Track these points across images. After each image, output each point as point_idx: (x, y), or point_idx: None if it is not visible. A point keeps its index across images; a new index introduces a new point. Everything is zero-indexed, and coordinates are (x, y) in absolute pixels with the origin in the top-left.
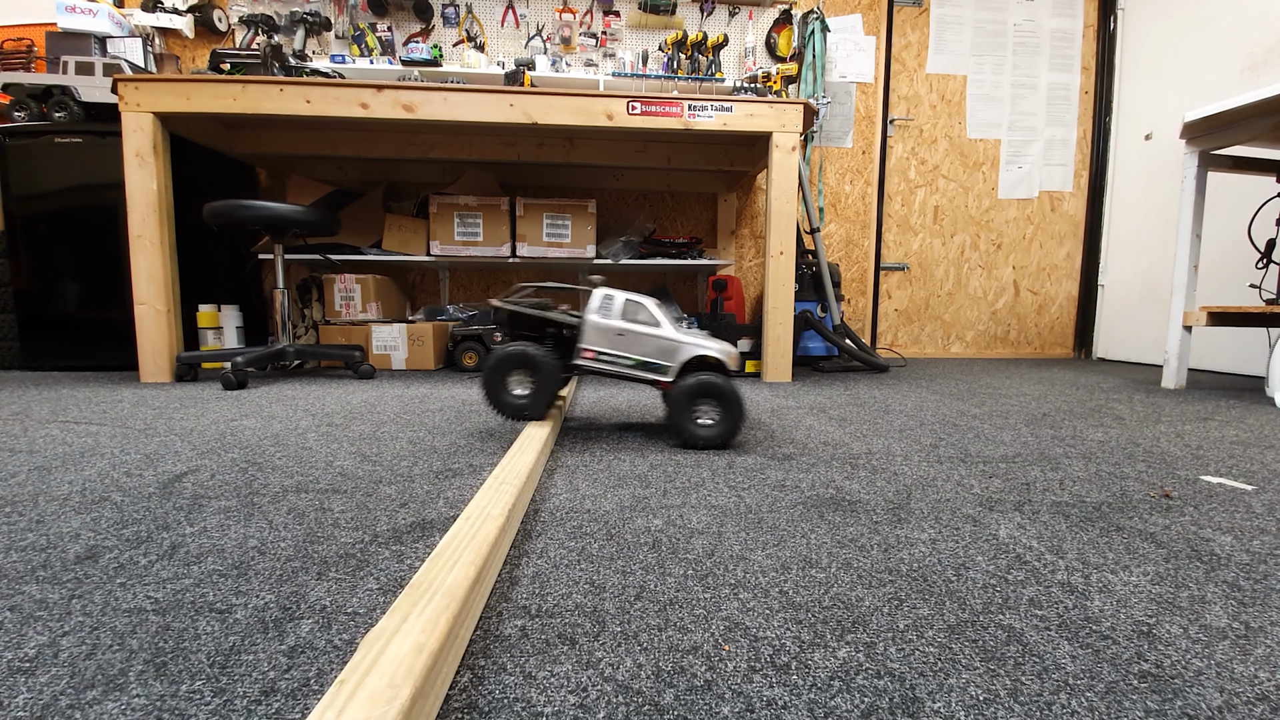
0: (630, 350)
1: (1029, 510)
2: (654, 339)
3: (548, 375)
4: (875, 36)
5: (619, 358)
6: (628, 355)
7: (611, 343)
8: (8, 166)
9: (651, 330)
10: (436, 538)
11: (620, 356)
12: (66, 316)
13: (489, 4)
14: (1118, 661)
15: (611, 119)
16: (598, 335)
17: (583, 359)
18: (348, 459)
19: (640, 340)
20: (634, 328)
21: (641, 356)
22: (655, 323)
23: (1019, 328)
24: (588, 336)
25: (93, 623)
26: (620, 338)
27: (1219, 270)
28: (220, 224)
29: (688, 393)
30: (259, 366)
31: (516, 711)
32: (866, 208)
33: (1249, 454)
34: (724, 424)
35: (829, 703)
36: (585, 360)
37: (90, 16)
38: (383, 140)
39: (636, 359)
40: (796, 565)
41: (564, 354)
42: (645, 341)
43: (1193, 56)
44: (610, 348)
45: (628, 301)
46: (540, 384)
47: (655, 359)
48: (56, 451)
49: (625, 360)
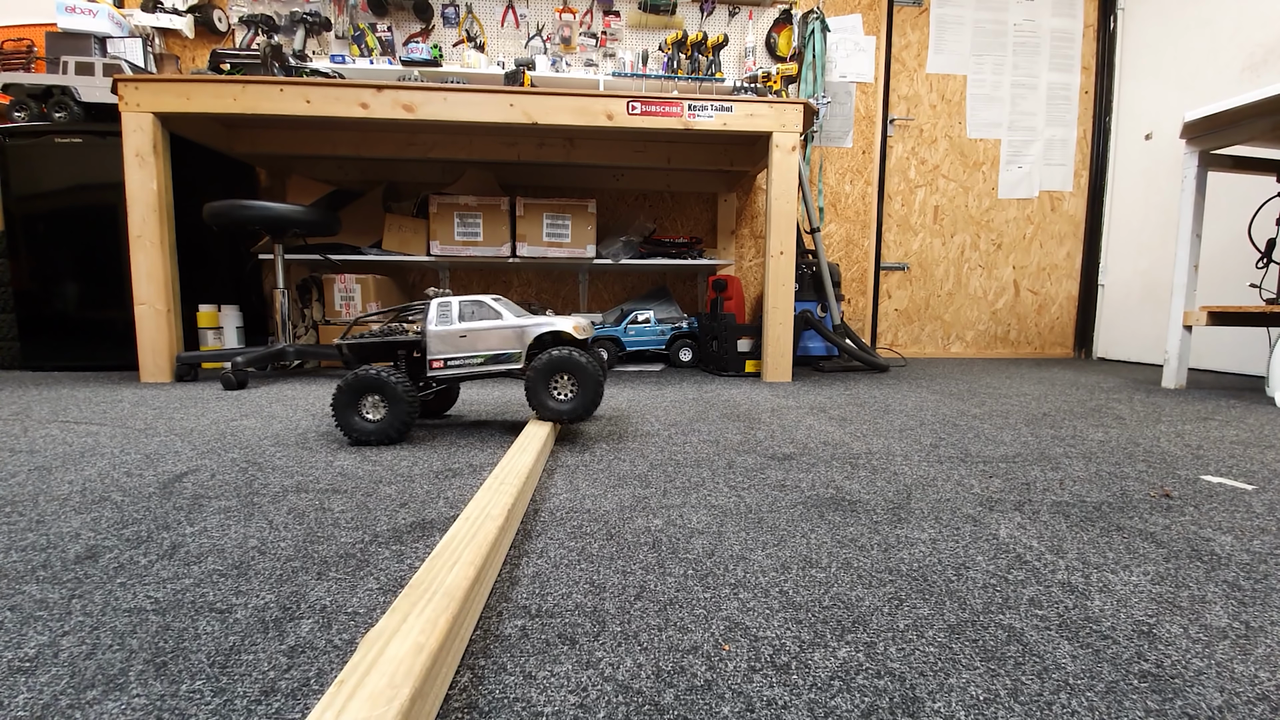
0: (477, 348)
1: (1029, 510)
2: (496, 331)
3: (397, 396)
4: (875, 36)
5: (468, 358)
6: (476, 354)
7: (457, 346)
8: (8, 166)
9: (492, 324)
10: (436, 538)
11: (469, 357)
12: (66, 316)
13: (489, 4)
14: (1118, 661)
15: (611, 119)
16: (441, 343)
17: (433, 370)
18: (348, 459)
19: (483, 336)
20: (475, 326)
21: (489, 351)
22: (496, 315)
23: (1019, 327)
24: (433, 347)
25: (93, 622)
26: (464, 339)
27: (1219, 270)
28: (220, 224)
29: (541, 371)
30: (259, 366)
31: (516, 711)
32: (866, 208)
33: (1249, 454)
34: (581, 396)
35: (829, 703)
36: (436, 370)
37: (90, 17)
38: (383, 140)
39: (485, 354)
40: (796, 565)
41: (418, 372)
42: (488, 336)
43: (1193, 56)
44: (457, 351)
45: (463, 303)
46: (392, 406)
47: (502, 349)
48: (57, 451)
49: (475, 359)
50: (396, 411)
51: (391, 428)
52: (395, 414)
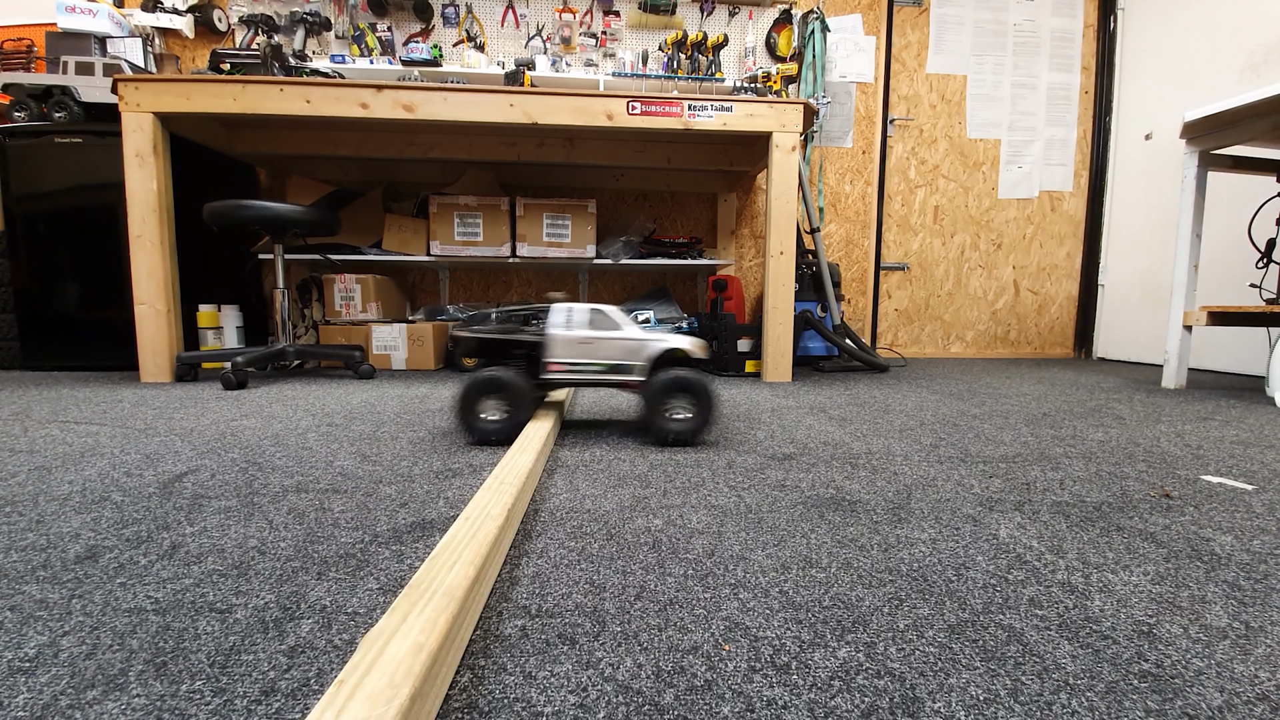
0: (597, 356)
1: (1029, 510)
2: (619, 342)
3: (519, 396)
4: (875, 36)
5: (587, 365)
6: (595, 361)
7: (577, 352)
8: (8, 166)
9: (615, 334)
10: (436, 538)
11: (588, 364)
12: (66, 316)
13: (489, 4)
14: (1118, 661)
15: (611, 119)
16: (563, 348)
17: (550, 372)
18: (348, 459)
19: (605, 345)
20: (598, 334)
21: (608, 360)
22: (615, 325)
23: (1019, 328)
24: (554, 350)
25: (93, 623)
26: (585, 345)
27: (1219, 270)
28: (220, 224)
29: (659, 389)
30: (259, 366)
31: (516, 711)
32: (866, 208)
33: (1249, 454)
34: (698, 417)
35: (829, 703)
36: (554, 374)
37: (90, 16)
38: (383, 140)
39: (604, 363)
40: (796, 565)
41: (534, 372)
42: (610, 345)
43: (1193, 56)
44: (576, 357)
45: (591, 311)
46: (514, 406)
47: (621, 360)
48: (57, 451)
49: (594, 367)
50: (517, 413)
51: (513, 429)
52: (516, 416)
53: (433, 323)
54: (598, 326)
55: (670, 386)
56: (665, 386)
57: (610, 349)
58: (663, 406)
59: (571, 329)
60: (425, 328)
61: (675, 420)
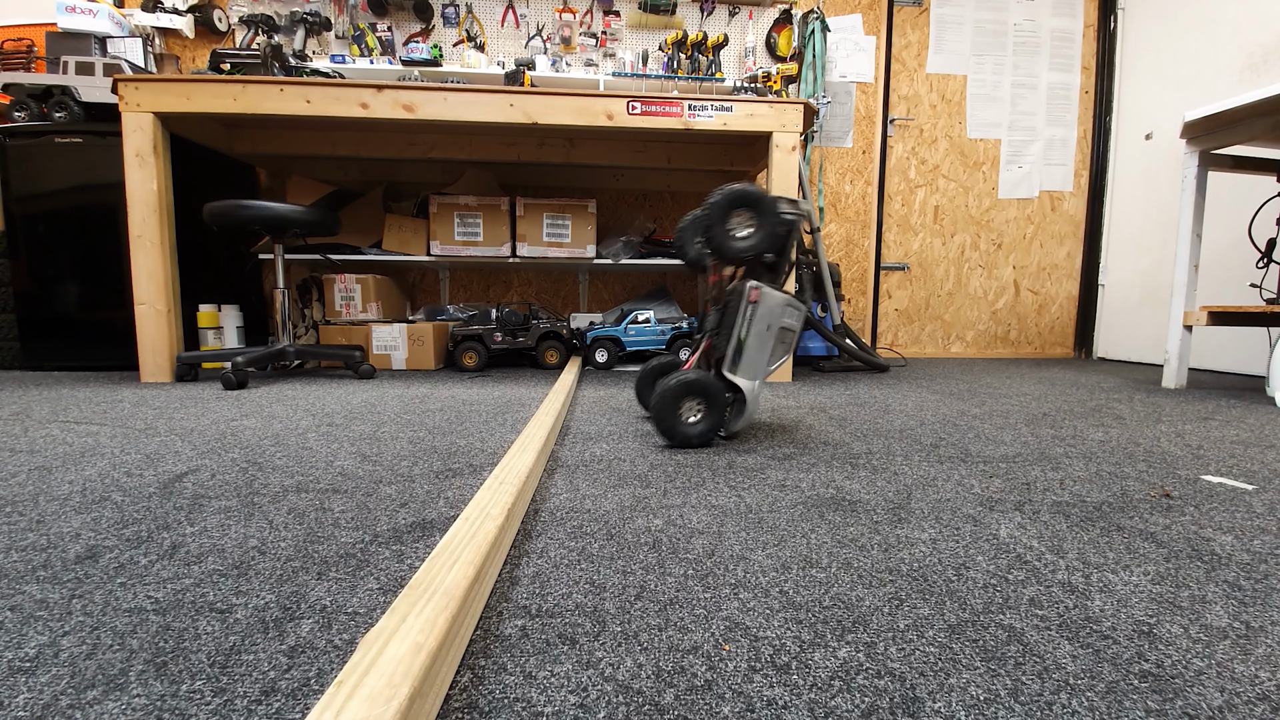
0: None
1: (1029, 510)
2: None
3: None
4: (875, 36)
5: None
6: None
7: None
8: (8, 166)
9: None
10: (436, 538)
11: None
12: (67, 316)
13: (489, 4)
14: (1118, 661)
15: (611, 119)
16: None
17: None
18: (348, 459)
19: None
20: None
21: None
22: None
23: (1019, 327)
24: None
25: (93, 622)
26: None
27: (1219, 270)
28: (220, 224)
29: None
30: (259, 366)
31: (517, 711)
32: (866, 208)
33: (1249, 453)
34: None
35: (829, 703)
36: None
37: (90, 16)
38: (383, 140)
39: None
40: (797, 565)
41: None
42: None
43: (1193, 56)
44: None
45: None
46: (710, 409)
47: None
48: (57, 451)
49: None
50: (714, 415)
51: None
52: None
53: (433, 323)
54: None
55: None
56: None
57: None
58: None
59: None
60: (425, 328)
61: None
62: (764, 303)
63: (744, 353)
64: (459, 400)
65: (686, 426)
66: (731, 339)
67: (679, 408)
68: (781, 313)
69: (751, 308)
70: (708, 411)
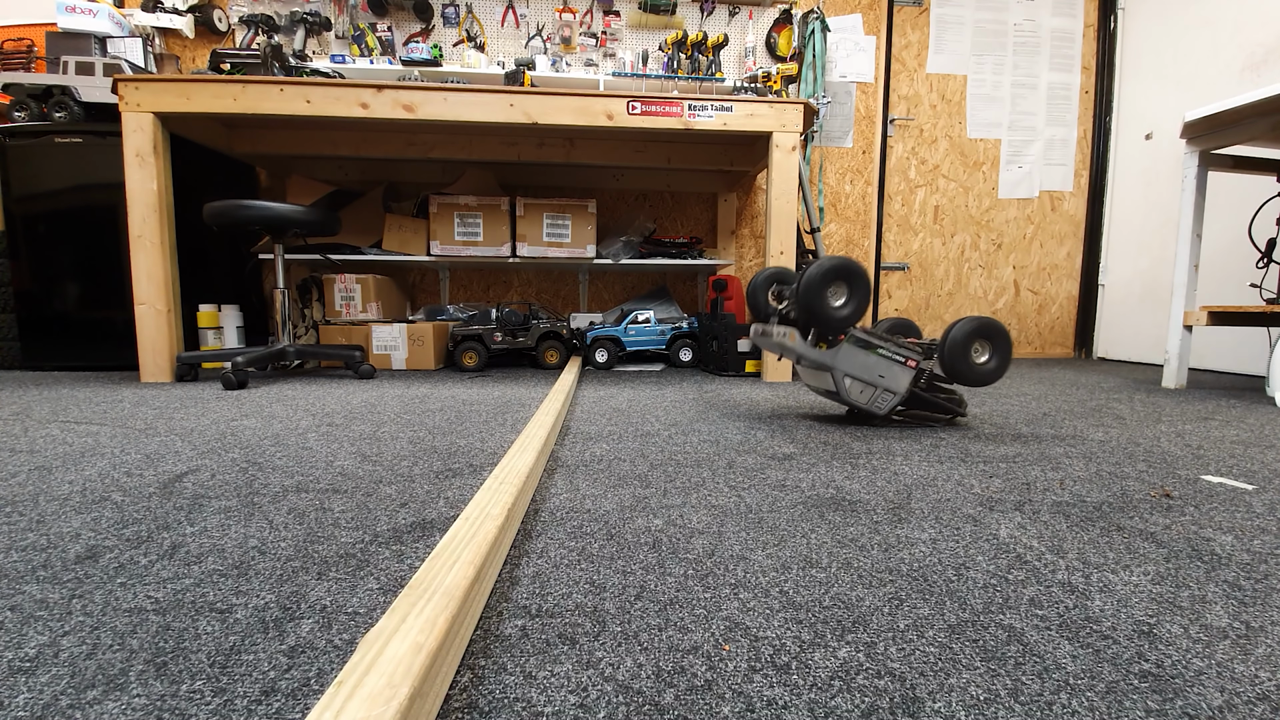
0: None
1: (1029, 510)
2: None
3: (1007, 339)
4: (875, 36)
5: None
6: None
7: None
8: (8, 166)
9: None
10: (436, 538)
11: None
12: (67, 316)
13: (489, 4)
14: (1118, 661)
15: (611, 119)
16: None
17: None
18: (348, 459)
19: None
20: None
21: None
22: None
23: (1019, 327)
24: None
25: (93, 622)
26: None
27: (1219, 270)
28: (220, 224)
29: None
30: (259, 366)
31: (517, 711)
32: (866, 207)
33: (1249, 453)
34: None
35: (829, 703)
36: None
37: (90, 16)
38: (383, 140)
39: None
40: (797, 565)
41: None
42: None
43: (1193, 56)
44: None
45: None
46: (998, 348)
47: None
48: (57, 451)
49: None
50: (1004, 352)
51: (1002, 369)
52: (1003, 355)
53: (433, 323)
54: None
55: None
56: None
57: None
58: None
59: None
60: (425, 328)
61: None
62: (903, 372)
63: (864, 352)
64: (459, 400)
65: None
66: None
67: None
68: (896, 385)
69: (900, 367)
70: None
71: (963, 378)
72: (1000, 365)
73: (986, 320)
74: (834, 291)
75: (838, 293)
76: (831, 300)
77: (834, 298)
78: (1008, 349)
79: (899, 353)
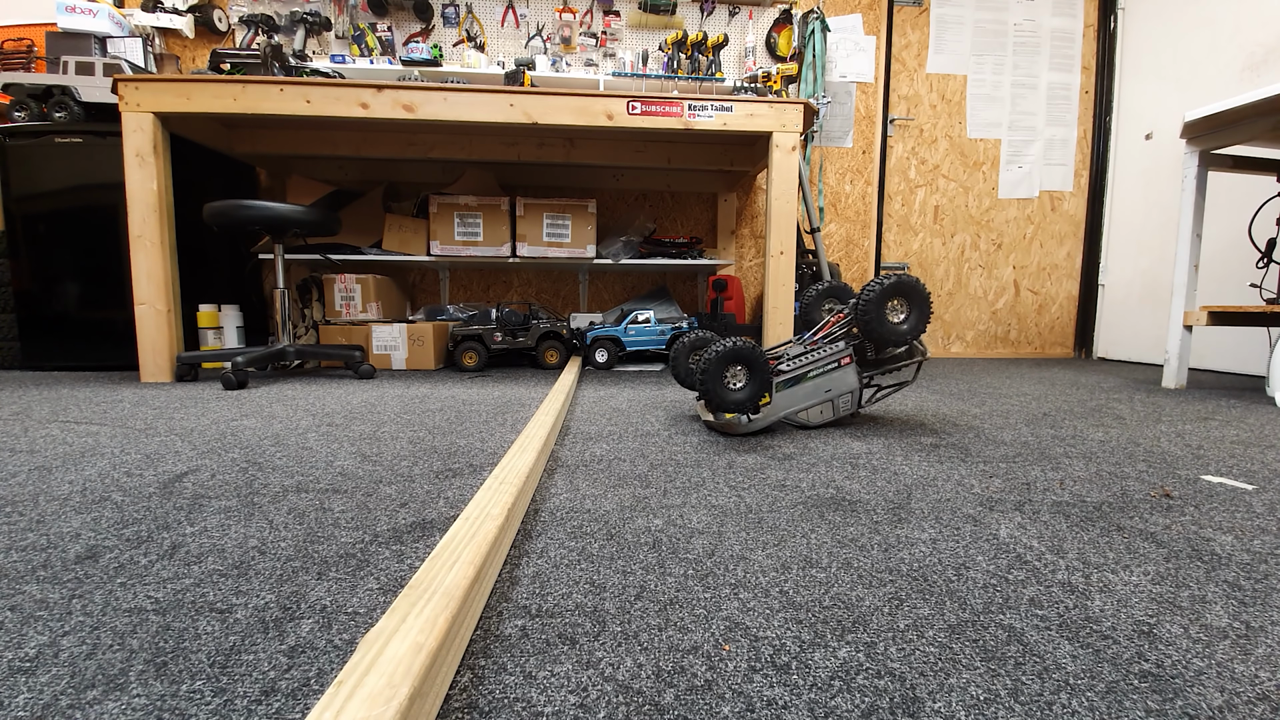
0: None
1: (1029, 510)
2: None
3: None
4: (875, 36)
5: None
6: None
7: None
8: (8, 166)
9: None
10: (436, 538)
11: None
12: (67, 316)
13: (489, 4)
14: (1118, 661)
15: (611, 119)
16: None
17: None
18: (348, 459)
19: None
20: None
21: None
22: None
23: (1019, 327)
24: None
25: (93, 622)
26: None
27: (1219, 270)
28: (220, 224)
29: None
30: (259, 366)
31: (517, 711)
32: (866, 207)
33: (1249, 453)
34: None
35: (829, 703)
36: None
37: (90, 16)
38: (383, 140)
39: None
40: (797, 565)
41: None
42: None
43: (1193, 56)
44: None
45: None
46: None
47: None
48: (57, 451)
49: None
50: (923, 308)
51: (921, 325)
52: (921, 311)
53: (433, 323)
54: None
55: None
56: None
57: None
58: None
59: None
60: (425, 328)
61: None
62: (845, 372)
63: (796, 385)
64: (459, 400)
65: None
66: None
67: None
68: (846, 387)
69: (839, 370)
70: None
71: (884, 340)
72: (919, 322)
73: (899, 278)
74: (894, 308)
75: (898, 309)
76: (891, 316)
77: (894, 314)
78: (926, 304)
79: (829, 360)
